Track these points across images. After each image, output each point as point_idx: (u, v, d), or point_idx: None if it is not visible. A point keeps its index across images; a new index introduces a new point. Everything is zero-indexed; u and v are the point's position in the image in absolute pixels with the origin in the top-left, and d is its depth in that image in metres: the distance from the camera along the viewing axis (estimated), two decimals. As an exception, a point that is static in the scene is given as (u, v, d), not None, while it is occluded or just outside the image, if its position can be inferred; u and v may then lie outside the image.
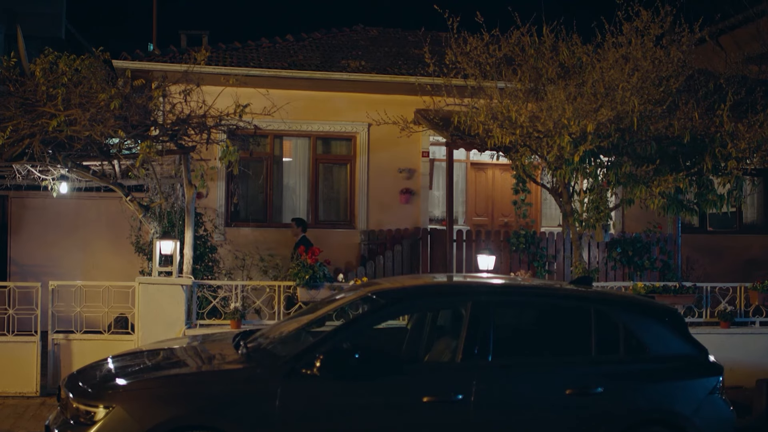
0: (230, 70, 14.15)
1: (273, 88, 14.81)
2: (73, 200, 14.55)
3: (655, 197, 11.14)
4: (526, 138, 10.81)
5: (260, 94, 14.67)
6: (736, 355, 11.15)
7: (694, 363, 6.97)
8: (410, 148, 15.29)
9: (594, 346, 6.75)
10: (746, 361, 11.14)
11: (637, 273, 14.08)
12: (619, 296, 7.52)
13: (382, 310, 6.72)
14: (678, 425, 6.68)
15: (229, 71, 14.07)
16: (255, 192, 15.47)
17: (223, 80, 14.02)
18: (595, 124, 10.32)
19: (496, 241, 14.06)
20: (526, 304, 7.06)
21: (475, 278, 8.14)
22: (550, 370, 6.63)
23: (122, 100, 8.86)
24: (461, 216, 16.70)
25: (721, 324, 11.35)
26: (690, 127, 10.84)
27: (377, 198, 15.42)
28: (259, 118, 14.69)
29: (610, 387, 6.60)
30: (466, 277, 9.49)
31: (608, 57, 10.87)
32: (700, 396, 6.82)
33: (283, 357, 6.37)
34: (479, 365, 6.46)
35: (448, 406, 6.32)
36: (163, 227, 11.77)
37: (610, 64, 10.80)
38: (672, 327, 7.03)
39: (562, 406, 6.51)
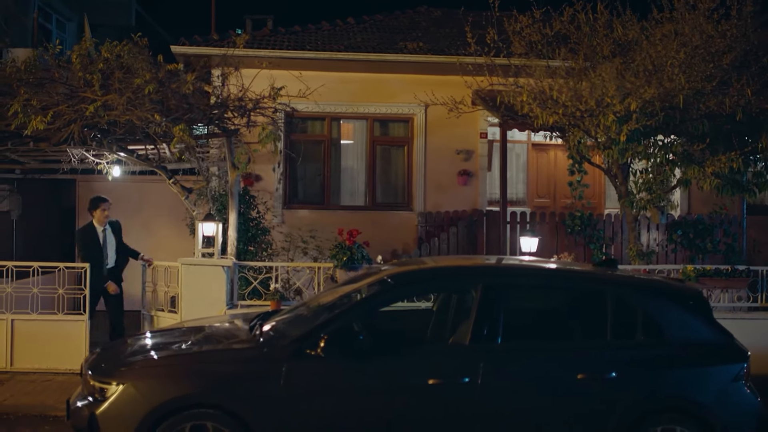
0: (283, 53, 14.33)
1: (330, 70, 15.00)
2: (137, 183, 14.97)
3: (708, 177, 10.77)
4: (570, 117, 10.58)
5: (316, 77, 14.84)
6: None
7: (716, 349, 6.71)
8: (468, 129, 15.15)
9: (609, 330, 6.56)
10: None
11: (699, 256, 13.70)
12: (639, 279, 7.28)
13: (388, 293, 6.70)
14: (697, 414, 6.44)
15: (282, 54, 14.26)
16: (313, 174, 15.58)
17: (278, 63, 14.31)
18: (640, 103, 10.02)
19: (551, 223, 13.84)
20: (540, 286, 6.93)
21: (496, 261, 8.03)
22: (561, 354, 6.48)
23: (157, 85, 8.99)
24: (523, 198, 16.48)
25: (776, 309, 10.94)
26: (743, 104, 10.41)
27: (435, 180, 15.35)
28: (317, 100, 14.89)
29: (625, 372, 6.41)
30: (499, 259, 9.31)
31: (656, 33, 10.53)
32: (721, 383, 6.56)
33: (290, 337, 6.41)
34: (487, 348, 6.37)
35: (454, 389, 6.25)
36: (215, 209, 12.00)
37: (658, 40, 10.47)
38: (694, 311, 6.79)
39: (573, 391, 6.36)
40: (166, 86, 9.25)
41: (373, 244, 14.14)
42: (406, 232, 15.12)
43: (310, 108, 15.16)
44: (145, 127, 9.41)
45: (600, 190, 16.17)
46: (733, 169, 10.87)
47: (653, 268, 11.34)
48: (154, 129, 9.34)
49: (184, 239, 14.07)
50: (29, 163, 12.88)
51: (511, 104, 11.08)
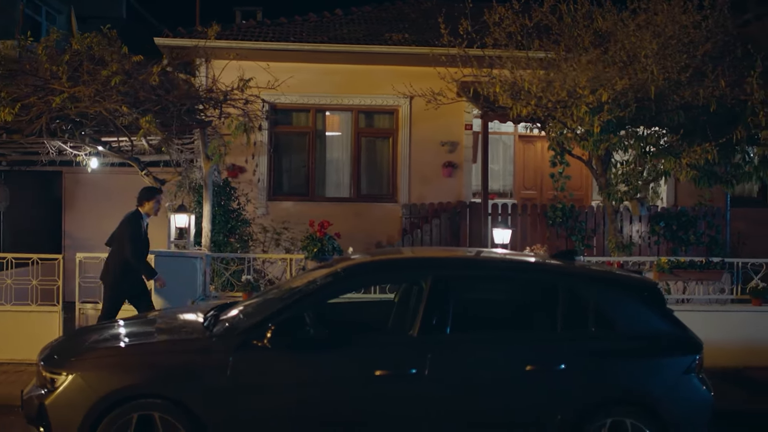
0: (263, 45, 14.37)
1: (314, 62, 15.02)
2: (123, 175, 14.95)
3: (684, 169, 10.73)
4: (542, 109, 10.54)
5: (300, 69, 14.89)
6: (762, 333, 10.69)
7: (668, 341, 6.67)
8: (453, 121, 15.13)
9: (560, 322, 6.53)
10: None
11: (681, 248, 13.66)
12: (592, 271, 7.23)
13: (337, 284, 6.68)
14: (647, 405, 6.41)
15: (262, 46, 14.31)
16: (297, 166, 15.59)
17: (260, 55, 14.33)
18: (612, 93, 9.98)
19: (533, 215, 13.82)
20: (490, 278, 6.89)
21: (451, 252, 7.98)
22: (510, 345, 6.46)
23: (124, 77, 9.00)
24: (509, 190, 16.46)
25: (752, 301, 10.87)
26: (718, 95, 10.35)
27: (419, 171, 15.35)
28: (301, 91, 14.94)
29: (575, 364, 6.38)
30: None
31: (630, 23, 10.48)
32: (672, 376, 6.52)
33: (238, 329, 6.42)
34: (435, 340, 6.35)
35: (401, 381, 6.24)
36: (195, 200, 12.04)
37: (632, 31, 10.42)
38: (648, 303, 6.75)
39: (521, 383, 6.34)
40: (133, 78, 9.24)
41: (357, 235, 14.23)
42: (391, 223, 15.11)
43: (294, 100, 15.26)
44: (114, 119, 9.42)
45: (586, 182, 16.11)
46: (709, 161, 10.82)
47: (628, 260, 11.33)
48: (121, 121, 9.34)
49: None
50: (11, 155, 12.92)
51: (487, 95, 11.05)
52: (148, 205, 9.80)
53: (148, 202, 9.81)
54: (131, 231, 9.56)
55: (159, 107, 9.71)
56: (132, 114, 9.39)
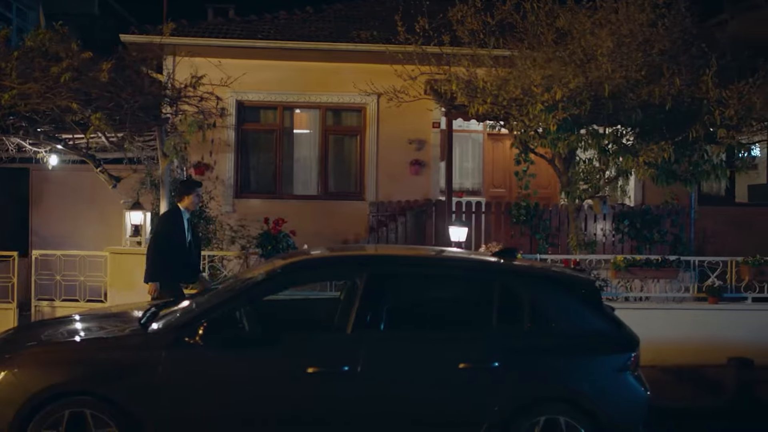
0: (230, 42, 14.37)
1: (282, 59, 15.01)
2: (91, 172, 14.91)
3: (641, 167, 10.74)
4: (498, 107, 10.55)
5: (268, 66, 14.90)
6: (723, 332, 10.74)
7: (604, 338, 6.66)
8: (420, 119, 15.10)
9: (495, 320, 6.54)
10: (735, 339, 10.69)
11: (646, 246, 13.69)
12: (528, 268, 7.22)
13: (272, 282, 6.68)
14: (581, 403, 6.41)
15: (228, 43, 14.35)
16: (265, 164, 15.57)
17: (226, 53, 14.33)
18: (567, 92, 9.99)
19: (497, 213, 13.84)
20: (426, 275, 6.88)
21: (389, 250, 7.97)
22: (444, 343, 6.45)
23: (75, 73, 8.97)
24: (479, 188, 16.47)
25: (709, 299, 10.91)
26: (674, 94, 10.37)
27: (387, 169, 15.34)
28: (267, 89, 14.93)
29: (509, 362, 6.38)
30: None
31: (585, 22, 10.49)
32: (606, 374, 6.53)
33: (171, 326, 6.41)
34: (369, 337, 6.35)
35: (334, 378, 6.24)
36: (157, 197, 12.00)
37: (588, 29, 10.43)
38: (585, 301, 6.75)
39: (455, 380, 6.33)
40: (84, 75, 9.21)
41: (325, 233, 14.24)
42: (358, 221, 15.09)
43: (262, 97, 15.27)
44: (66, 116, 9.39)
45: (554, 180, 16.03)
46: (667, 159, 10.84)
47: (585, 257, 11.36)
48: (73, 118, 9.32)
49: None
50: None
51: (445, 93, 11.05)
52: (188, 199, 9.55)
53: (187, 196, 9.57)
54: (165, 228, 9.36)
55: (113, 104, 9.67)
56: (84, 111, 9.34)
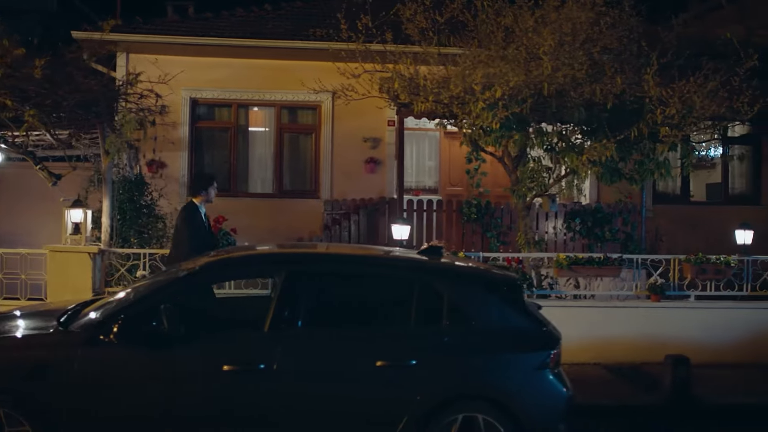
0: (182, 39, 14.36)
1: (236, 57, 14.96)
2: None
3: (585, 165, 10.78)
4: (441, 105, 10.55)
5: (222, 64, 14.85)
6: (665, 330, 10.80)
7: (523, 336, 6.66)
8: (376, 117, 15.07)
9: (414, 318, 6.54)
10: (677, 336, 10.74)
11: (597, 244, 13.73)
12: (449, 266, 7.21)
13: (189, 280, 6.66)
14: (499, 401, 6.41)
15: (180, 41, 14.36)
16: (220, 161, 15.51)
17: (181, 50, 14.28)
18: (507, 90, 9.99)
19: (449, 211, 13.85)
20: (346, 273, 6.86)
21: (307, 248, 7.89)
22: (362, 341, 6.43)
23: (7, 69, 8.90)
24: (435, 186, 16.47)
25: (651, 297, 10.96)
26: (615, 92, 10.39)
27: (342, 167, 15.31)
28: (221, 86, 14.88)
29: (426, 360, 6.37)
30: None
31: (528, 20, 10.50)
32: (525, 371, 6.53)
33: (87, 324, 6.37)
34: (286, 335, 6.33)
35: (250, 376, 6.21)
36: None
37: (530, 27, 10.45)
38: (506, 299, 6.75)
39: (371, 378, 6.31)
40: (18, 71, 9.14)
41: (280, 231, 14.22)
42: (313, 219, 15.05)
43: (216, 95, 15.23)
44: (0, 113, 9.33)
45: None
46: (611, 158, 10.88)
47: (528, 255, 11.39)
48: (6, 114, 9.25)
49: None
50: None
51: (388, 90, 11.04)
52: (204, 194, 9.53)
53: (203, 191, 9.54)
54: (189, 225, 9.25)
55: (50, 101, 9.60)
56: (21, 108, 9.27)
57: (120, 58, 14.68)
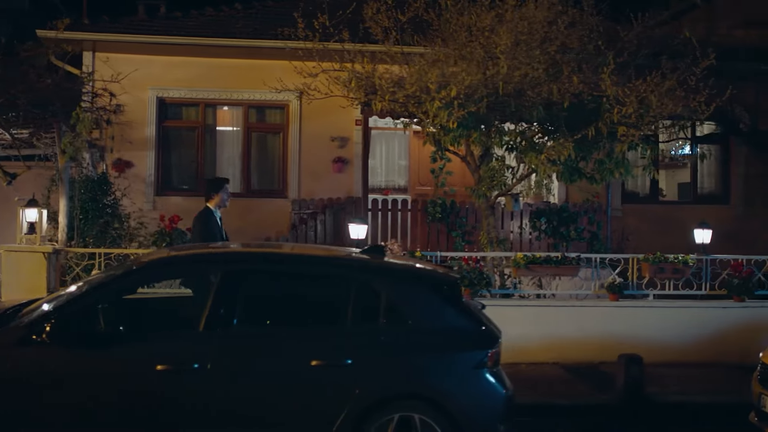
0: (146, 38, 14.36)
1: (204, 56, 14.93)
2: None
3: (544, 164, 10.77)
4: (398, 104, 10.53)
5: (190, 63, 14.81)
6: (623, 329, 10.81)
7: (460, 335, 6.63)
8: (344, 116, 15.00)
9: (350, 317, 6.50)
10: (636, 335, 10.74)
11: (563, 244, 13.73)
12: (388, 265, 7.17)
13: (126, 279, 6.62)
14: (435, 400, 6.38)
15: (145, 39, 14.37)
16: (187, 161, 15.47)
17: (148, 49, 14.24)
18: (463, 89, 9.97)
19: (414, 211, 13.84)
20: (284, 273, 6.83)
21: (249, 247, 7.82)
22: (297, 340, 6.40)
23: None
24: (405, 185, 16.47)
25: (609, 296, 10.97)
26: (573, 91, 10.39)
27: (310, 167, 15.29)
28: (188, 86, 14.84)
29: (362, 359, 6.34)
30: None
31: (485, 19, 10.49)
32: (461, 371, 6.50)
33: (21, 323, 6.32)
34: (221, 335, 6.29)
35: (183, 376, 6.17)
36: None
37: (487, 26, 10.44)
38: (445, 298, 6.73)
39: (306, 378, 6.28)
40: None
41: (247, 230, 14.16)
42: (281, 219, 15.04)
43: (183, 94, 15.18)
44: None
45: (478, 177, 16.16)
46: (571, 157, 10.88)
47: (485, 254, 11.39)
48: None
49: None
50: None
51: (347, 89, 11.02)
52: (217, 197, 9.40)
53: (216, 194, 9.41)
54: (200, 229, 9.15)
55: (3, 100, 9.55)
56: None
57: (86, 57, 14.61)
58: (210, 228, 9.17)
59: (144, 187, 14.73)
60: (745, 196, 16.00)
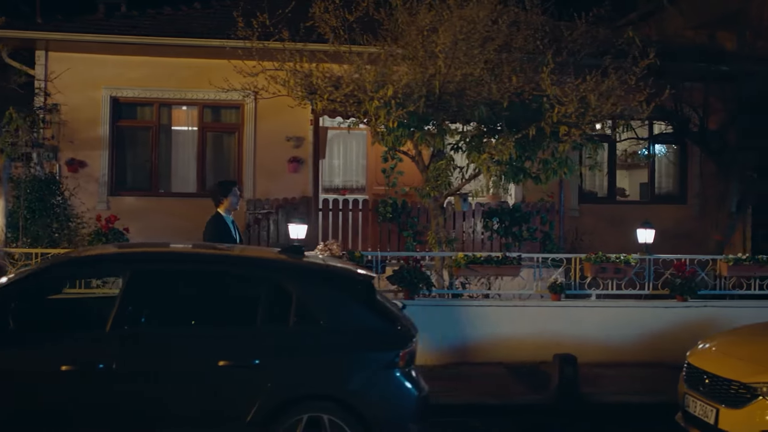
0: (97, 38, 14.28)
1: (158, 56, 14.87)
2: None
3: (485, 163, 10.75)
4: (338, 103, 10.50)
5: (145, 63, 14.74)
6: (565, 328, 10.80)
7: (372, 335, 6.59)
8: (299, 116, 14.89)
9: (260, 317, 6.47)
10: (577, 335, 10.74)
11: (515, 244, 13.72)
12: (302, 265, 7.12)
13: (29, 279, 6.58)
14: (344, 401, 6.37)
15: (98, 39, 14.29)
16: (142, 161, 15.40)
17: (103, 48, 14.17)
18: (400, 89, 9.95)
19: (365, 210, 13.81)
20: (194, 273, 6.78)
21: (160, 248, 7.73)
22: (205, 340, 6.37)
23: None
24: (362, 185, 16.43)
25: (551, 296, 10.96)
26: (513, 91, 10.38)
27: (265, 166, 15.25)
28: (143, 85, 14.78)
29: (270, 360, 6.32)
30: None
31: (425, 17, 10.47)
32: (372, 371, 6.47)
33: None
34: (127, 334, 6.26)
35: (88, 376, 6.15)
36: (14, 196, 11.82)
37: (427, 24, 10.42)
38: (358, 297, 6.70)
39: (214, 378, 6.25)
40: None
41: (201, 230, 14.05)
42: (237, 219, 14.90)
43: (137, 94, 15.10)
44: None
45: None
46: (515, 157, 10.86)
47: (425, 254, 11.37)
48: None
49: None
50: None
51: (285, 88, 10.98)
52: (226, 201, 9.25)
53: (225, 198, 9.25)
54: (211, 235, 9.04)
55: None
56: None
57: (39, 56, 14.54)
58: (220, 233, 9.02)
59: (98, 187, 14.66)
60: (701, 196, 16.03)
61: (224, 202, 9.24)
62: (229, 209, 9.32)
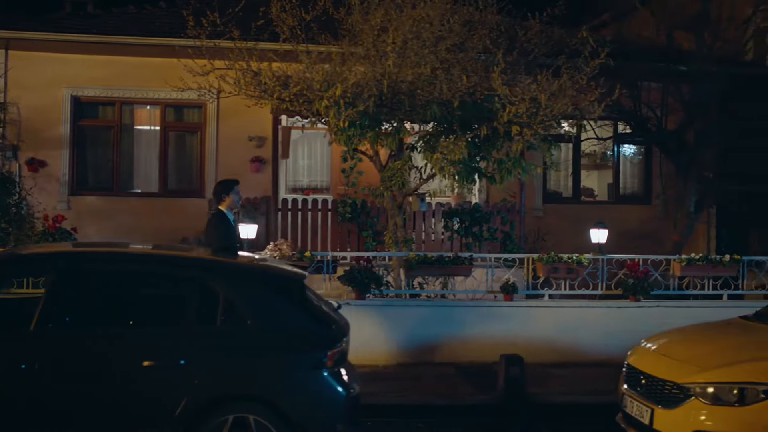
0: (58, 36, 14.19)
1: (120, 55, 14.79)
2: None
3: (439, 163, 10.74)
4: (288, 102, 10.46)
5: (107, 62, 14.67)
6: (518, 328, 10.79)
7: (300, 335, 6.54)
8: (261, 116, 14.83)
9: (187, 317, 6.45)
10: (529, 335, 10.75)
11: (476, 244, 13.71)
12: (232, 265, 7.09)
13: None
14: (271, 401, 6.33)
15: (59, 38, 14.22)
16: (103, 160, 15.31)
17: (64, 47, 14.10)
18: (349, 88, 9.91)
19: (325, 210, 13.77)
20: (118, 272, 6.71)
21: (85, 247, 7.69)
22: (129, 340, 6.34)
23: None
24: (327, 185, 16.41)
25: (504, 297, 10.94)
26: (464, 90, 10.36)
27: (227, 166, 15.13)
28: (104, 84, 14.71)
29: (196, 360, 6.26)
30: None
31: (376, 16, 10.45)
32: (298, 371, 6.42)
33: None
34: (51, 334, 6.22)
35: (10, 377, 6.10)
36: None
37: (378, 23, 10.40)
38: (288, 297, 6.67)
39: (138, 378, 6.22)
40: None
41: (164, 230, 14.08)
42: (199, 219, 14.66)
43: (99, 92, 15.04)
44: None
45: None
46: (469, 157, 10.85)
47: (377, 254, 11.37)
48: None
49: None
50: None
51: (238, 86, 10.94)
52: (228, 199, 9.27)
53: (227, 196, 9.27)
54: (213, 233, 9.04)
55: None
56: None
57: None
58: (222, 231, 9.07)
59: (58, 186, 14.58)
60: (662, 196, 16.05)
61: (226, 200, 9.29)
62: (230, 207, 9.39)
